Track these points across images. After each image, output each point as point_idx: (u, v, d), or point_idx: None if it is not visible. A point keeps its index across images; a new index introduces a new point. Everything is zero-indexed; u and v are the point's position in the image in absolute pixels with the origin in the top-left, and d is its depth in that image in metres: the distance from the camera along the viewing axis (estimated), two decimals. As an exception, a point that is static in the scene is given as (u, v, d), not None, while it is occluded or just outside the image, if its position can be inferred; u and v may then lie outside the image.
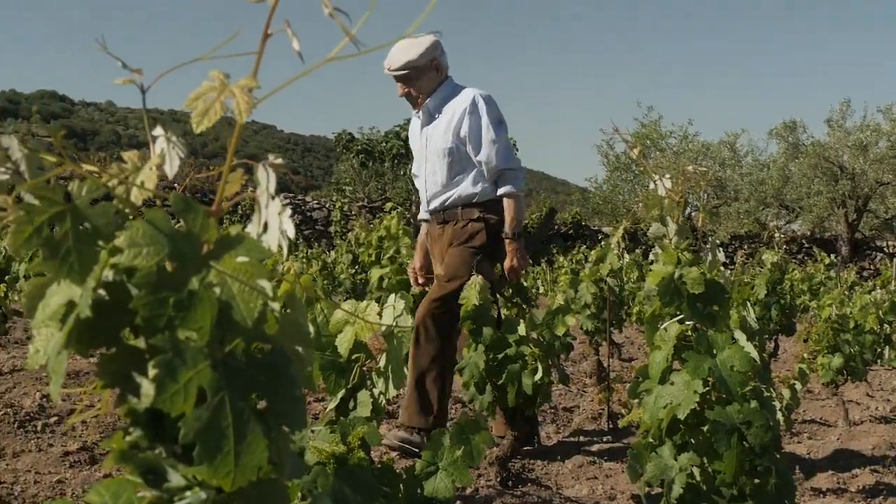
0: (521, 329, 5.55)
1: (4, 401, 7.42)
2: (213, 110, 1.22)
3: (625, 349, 13.41)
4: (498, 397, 5.63)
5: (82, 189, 1.23)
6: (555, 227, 38.55)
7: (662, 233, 3.82)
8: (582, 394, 9.48)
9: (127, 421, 1.24)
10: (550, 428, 7.71)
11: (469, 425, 3.39)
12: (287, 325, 1.28)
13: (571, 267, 18.30)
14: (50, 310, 1.25)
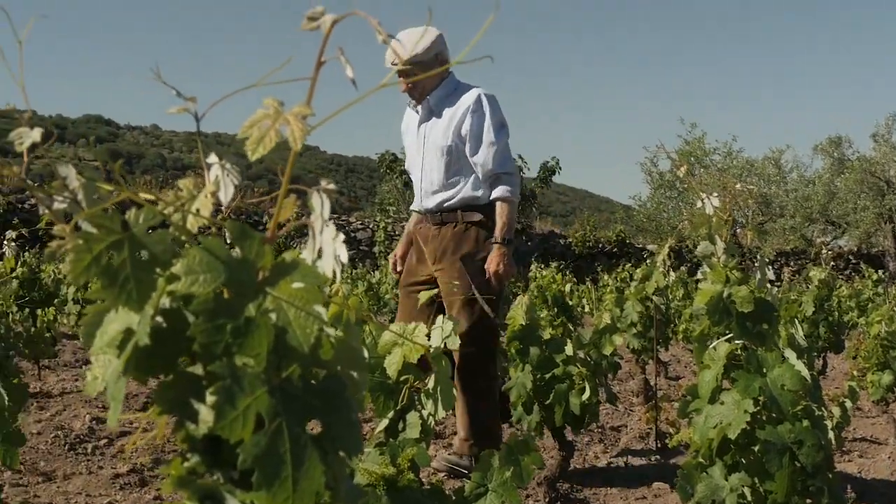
0: (568, 349, 5.54)
1: (55, 423, 7.48)
2: (268, 137, 1.23)
3: (671, 367, 13.35)
4: (545, 417, 5.61)
5: (139, 217, 1.24)
6: (599, 245, 38.44)
7: (710, 251, 3.80)
8: (629, 413, 9.43)
9: (184, 447, 1.25)
10: (598, 447, 7.67)
11: (518, 446, 3.38)
12: (342, 349, 1.29)
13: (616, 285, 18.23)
14: (108, 337, 1.26)
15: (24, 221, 28.46)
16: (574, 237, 38.43)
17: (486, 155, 5.96)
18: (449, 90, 6.08)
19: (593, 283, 25.45)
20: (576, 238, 38.29)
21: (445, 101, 6.09)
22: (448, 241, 6.10)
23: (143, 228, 1.23)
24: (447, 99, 6.09)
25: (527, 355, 5.52)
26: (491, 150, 5.94)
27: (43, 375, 10.31)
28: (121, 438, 7.25)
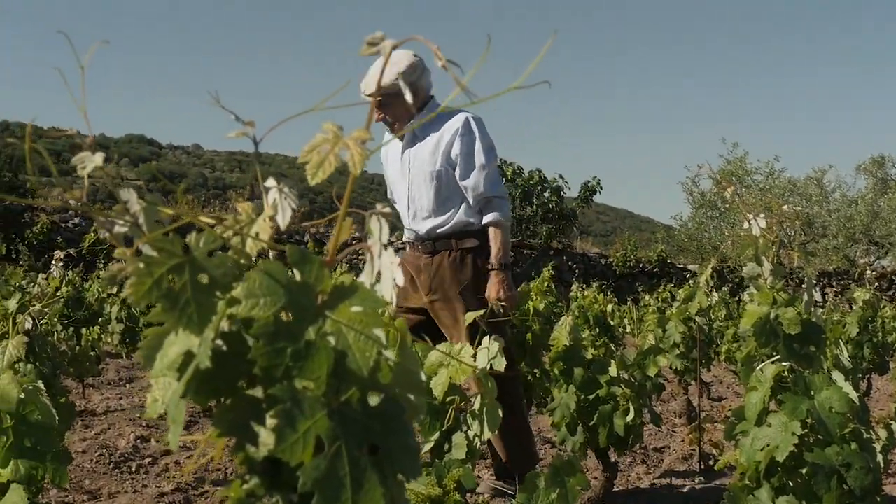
0: (612, 369, 5.52)
1: (100, 442, 7.52)
2: (327, 162, 1.23)
3: (714, 388, 13.27)
4: (589, 438, 5.60)
5: (200, 241, 1.25)
6: (640, 265, 38.31)
7: (757, 272, 3.78)
8: (672, 434, 9.39)
9: (243, 469, 1.26)
10: (641, 469, 7.64)
11: (564, 467, 3.37)
12: (400, 373, 1.29)
13: (658, 305, 18.18)
14: (168, 360, 1.27)
15: (67, 241, 28.72)
16: (615, 257, 38.32)
17: (478, 178, 5.77)
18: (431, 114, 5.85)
19: (634, 303, 25.38)
20: (616, 258, 38.18)
21: (430, 126, 5.87)
22: (445, 270, 5.90)
23: (204, 252, 1.24)
24: (431, 124, 5.87)
25: (571, 376, 5.50)
26: (482, 173, 5.76)
27: (87, 394, 10.38)
28: (164, 457, 7.29)
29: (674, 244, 48.13)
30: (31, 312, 3.53)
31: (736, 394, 13.10)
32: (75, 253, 25.13)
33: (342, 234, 1.31)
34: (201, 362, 1.19)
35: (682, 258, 44.32)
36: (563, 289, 28.02)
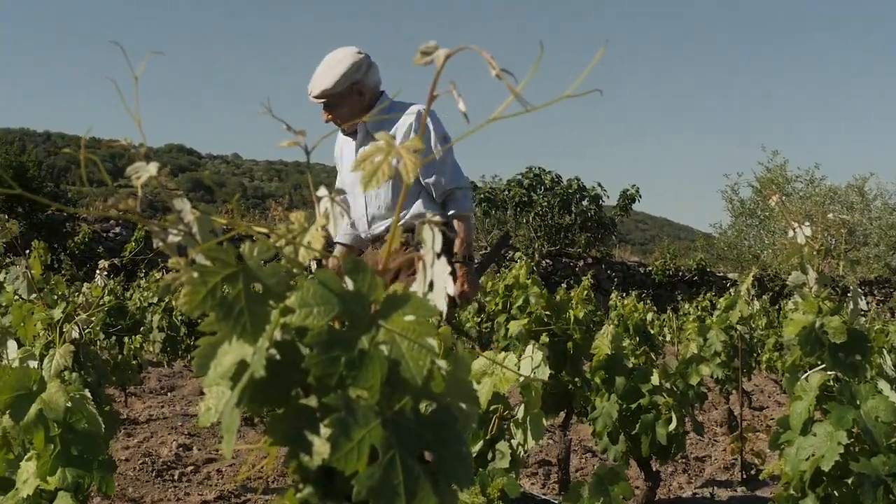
0: (654, 378, 5.50)
1: (142, 450, 7.56)
2: (380, 171, 1.24)
3: (755, 397, 13.20)
4: (631, 447, 5.58)
5: (253, 250, 1.25)
6: (679, 274, 38.16)
7: (802, 281, 3.76)
8: (713, 443, 9.34)
9: (296, 478, 1.26)
10: (682, 478, 7.61)
11: (608, 476, 3.36)
12: (452, 382, 1.30)
13: (698, 314, 18.09)
14: (222, 369, 1.27)
15: (108, 251, 28.92)
16: (654, 265, 38.20)
17: (439, 173, 5.68)
18: (384, 111, 5.69)
19: (674, 311, 25.26)
20: (656, 266, 38.06)
21: (382, 123, 5.66)
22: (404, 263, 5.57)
23: (258, 261, 1.25)
24: (384, 120, 5.71)
25: (612, 385, 5.49)
26: (442, 167, 5.68)
27: (130, 402, 10.44)
28: (207, 465, 7.32)
29: (713, 252, 47.84)
30: (77, 321, 3.56)
31: (777, 403, 13.03)
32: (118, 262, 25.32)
33: (394, 242, 1.32)
34: (256, 371, 1.20)
35: (721, 266, 44.09)
36: (602, 297, 27.98)
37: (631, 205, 41.81)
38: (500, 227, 40.59)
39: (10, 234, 3.77)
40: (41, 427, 3.02)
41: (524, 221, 40.02)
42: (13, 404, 2.99)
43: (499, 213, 41.06)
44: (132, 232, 30.50)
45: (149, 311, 14.77)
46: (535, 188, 41.05)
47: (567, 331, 6.86)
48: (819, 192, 47.13)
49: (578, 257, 37.10)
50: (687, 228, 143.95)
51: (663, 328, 21.33)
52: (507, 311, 9.07)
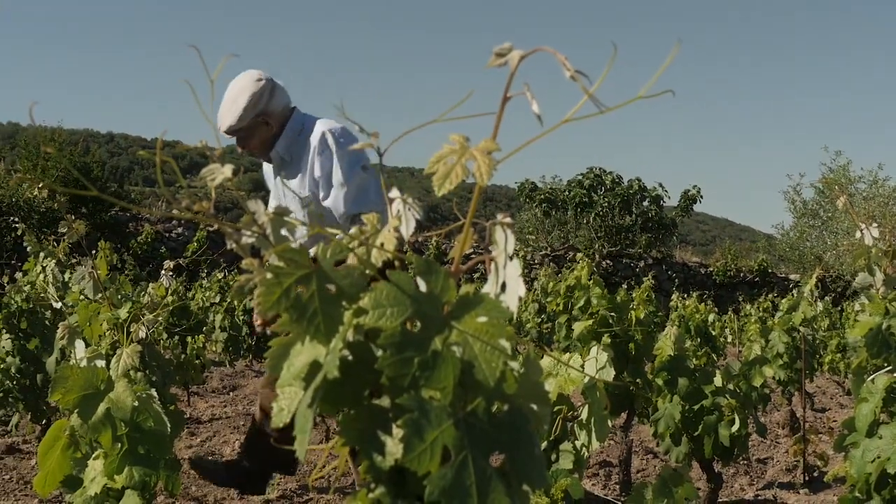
0: (717, 380, 5.46)
1: (205, 449, 7.63)
2: (454, 173, 1.24)
3: (817, 399, 13.08)
4: (693, 449, 5.54)
5: (327, 251, 1.26)
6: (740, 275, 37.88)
7: (869, 282, 3.72)
8: (775, 445, 9.27)
9: (368, 478, 1.27)
10: (744, 480, 7.56)
11: (672, 478, 3.34)
12: (524, 383, 1.29)
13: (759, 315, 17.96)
14: (295, 369, 1.28)
15: (170, 251, 29.20)
16: (715, 266, 37.94)
17: (336, 198, 5.25)
18: (295, 132, 5.48)
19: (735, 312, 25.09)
20: (717, 267, 37.80)
21: (294, 146, 5.50)
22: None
23: (331, 262, 1.26)
24: (295, 143, 5.49)
25: (675, 386, 5.46)
26: (341, 191, 5.23)
27: (192, 402, 10.54)
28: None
29: (775, 253, 47.48)
30: (144, 321, 3.59)
31: (839, 405, 12.90)
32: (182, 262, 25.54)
33: (466, 243, 1.32)
34: (329, 372, 1.20)
35: (783, 268, 43.76)
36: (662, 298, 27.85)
37: (692, 205, 41.63)
38: (561, 228, 40.55)
39: (77, 234, 3.80)
40: (109, 426, 3.05)
41: (585, 222, 39.96)
42: (81, 403, 3.03)
43: (559, 214, 41.02)
44: (194, 232, 30.77)
45: (211, 310, 14.92)
46: (595, 189, 40.98)
47: (628, 332, 6.83)
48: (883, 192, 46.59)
49: (639, 258, 36.96)
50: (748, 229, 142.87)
51: (724, 329, 21.21)
52: (568, 312, 9.04)
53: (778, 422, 10.50)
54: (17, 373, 7.46)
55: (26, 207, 26.88)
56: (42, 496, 3.47)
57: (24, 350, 7.50)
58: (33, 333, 7.58)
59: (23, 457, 7.37)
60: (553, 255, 35.70)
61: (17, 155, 33.70)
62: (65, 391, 2.99)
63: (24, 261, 8.30)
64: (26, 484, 6.46)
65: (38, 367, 7.52)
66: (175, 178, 1.34)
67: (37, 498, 5.97)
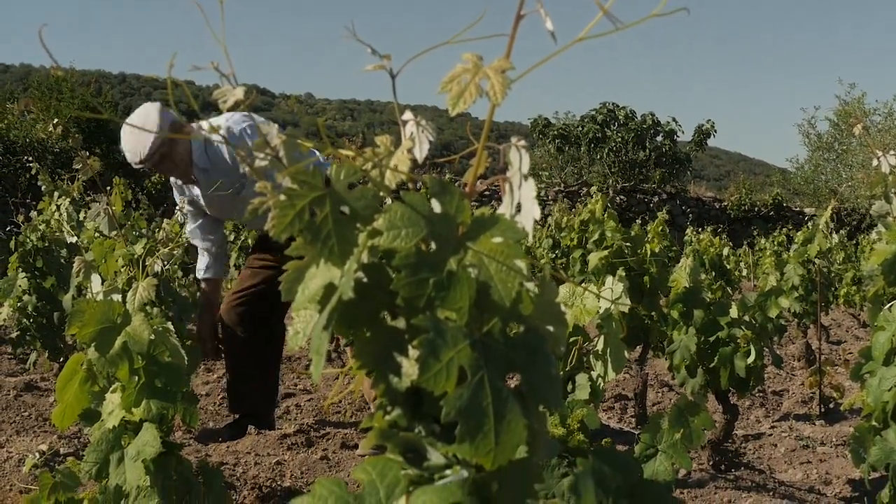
0: (732, 311, 5.45)
1: (222, 385, 7.67)
2: (468, 92, 1.23)
3: (832, 332, 13.08)
4: (709, 380, 5.55)
5: (340, 173, 1.25)
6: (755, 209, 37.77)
7: (886, 210, 3.70)
8: (791, 377, 9.28)
9: (384, 401, 1.27)
10: (759, 412, 7.58)
11: (688, 408, 3.35)
12: (541, 304, 1.29)
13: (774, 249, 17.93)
14: (310, 292, 1.28)
15: (182, 190, 29.22)
16: (729, 201, 37.82)
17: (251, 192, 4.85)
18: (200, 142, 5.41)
19: (749, 247, 25.04)
20: (731, 202, 37.68)
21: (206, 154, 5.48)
22: None
23: (345, 185, 1.25)
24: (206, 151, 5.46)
25: (690, 318, 5.45)
26: None
27: (207, 339, 10.56)
28: (286, 400, 7.40)
29: (789, 187, 47.28)
30: (159, 256, 3.59)
31: (855, 337, 12.91)
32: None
33: (480, 165, 1.31)
34: (344, 293, 1.20)
35: (797, 201, 43.60)
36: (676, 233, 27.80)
37: (706, 140, 41.48)
38: (574, 164, 40.45)
39: (92, 170, 3.79)
40: (126, 359, 3.05)
41: (598, 157, 39.86)
42: (98, 337, 3.03)
43: (572, 150, 40.90)
44: (209, 171, 30.77)
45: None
46: (608, 124, 40.84)
47: (643, 265, 6.83)
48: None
49: (653, 193, 36.86)
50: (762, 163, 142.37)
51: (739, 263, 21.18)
52: (582, 247, 9.02)
53: (793, 354, 10.50)
54: (33, 311, 7.50)
55: (40, 148, 26.89)
56: (60, 429, 3.49)
57: (41, 288, 7.54)
58: (49, 272, 7.61)
59: (41, 394, 7.42)
60: (566, 191, 35.58)
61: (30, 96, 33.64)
62: (81, 325, 3.00)
63: (39, 200, 8.31)
64: (45, 420, 6.50)
65: (54, 305, 7.56)
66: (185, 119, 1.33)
67: (55, 433, 6.02)
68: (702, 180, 50.58)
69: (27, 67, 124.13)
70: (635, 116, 41.01)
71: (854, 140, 43.22)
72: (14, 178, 25.50)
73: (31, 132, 27.48)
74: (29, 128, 27.76)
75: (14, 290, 7.47)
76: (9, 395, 7.24)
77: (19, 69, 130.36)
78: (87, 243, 5.45)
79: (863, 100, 47.96)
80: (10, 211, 16.25)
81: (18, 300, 7.48)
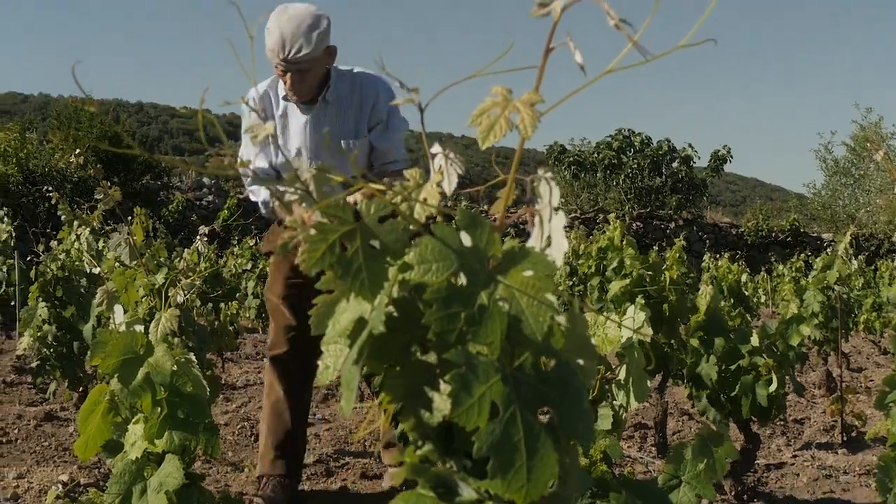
0: (754, 339, 5.43)
1: (241, 415, 7.67)
2: (498, 126, 1.23)
3: (853, 359, 13.02)
4: (731, 409, 5.52)
5: (370, 207, 1.25)
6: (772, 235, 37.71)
7: (908, 238, 3.69)
8: (812, 405, 9.23)
9: (414, 435, 1.26)
10: (781, 440, 7.54)
11: (712, 438, 3.33)
12: (571, 338, 1.29)
13: (792, 275, 17.89)
14: (340, 326, 1.28)
15: (201, 218, 29.33)
16: (746, 226, 37.79)
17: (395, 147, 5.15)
18: (336, 77, 5.13)
19: (767, 273, 24.99)
20: (748, 227, 37.65)
21: (339, 89, 5.13)
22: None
23: (375, 218, 1.25)
24: (339, 86, 5.14)
25: (711, 346, 5.43)
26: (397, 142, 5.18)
27: (227, 368, 10.58)
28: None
29: (807, 213, 47.26)
30: (182, 286, 3.60)
31: (876, 364, 12.84)
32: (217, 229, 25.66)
33: (509, 198, 1.31)
34: (375, 328, 1.20)
35: (815, 227, 43.55)
36: (694, 259, 27.77)
37: (722, 165, 41.52)
38: (590, 191, 40.49)
39: (112, 200, 3.81)
40: (148, 390, 3.06)
41: (614, 184, 39.90)
42: (121, 368, 3.04)
43: (588, 176, 40.96)
44: (224, 200, 30.92)
45: (243, 277, 14.98)
46: (624, 150, 40.94)
47: (662, 292, 6.81)
48: (916, 149, 46.21)
49: (669, 219, 36.87)
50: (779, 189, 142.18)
51: (757, 290, 21.15)
52: (600, 274, 9.03)
53: (814, 382, 10.45)
54: (53, 340, 7.50)
55: (59, 177, 27.06)
56: (83, 460, 3.50)
57: (60, 318, 7.55)
58: (69, 301, 7.62)
59: (61, 423, 7.43)
60: (583, 218, 35.61)
61: (49, 126, 33.86)
62: (104, 356, 3.01)
63: (59, 230, 8.35)
64: (65, 450, 6.51)
65: (74, 335, 7.56)
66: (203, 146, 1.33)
67: (76, 463, 6.02)
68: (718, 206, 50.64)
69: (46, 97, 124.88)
70: (651, 142, 41.09)
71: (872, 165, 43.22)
72: (33, 208, 25.65)
73: (51, 161, 27.65)
74: (48, 157, 27.94)
75: (34, 320, 7.48)
76: (29, 424, 7.26)
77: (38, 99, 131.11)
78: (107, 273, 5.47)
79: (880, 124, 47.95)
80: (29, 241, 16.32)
81: (38, 329, 7.48)
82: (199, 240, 6.14)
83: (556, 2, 1.19)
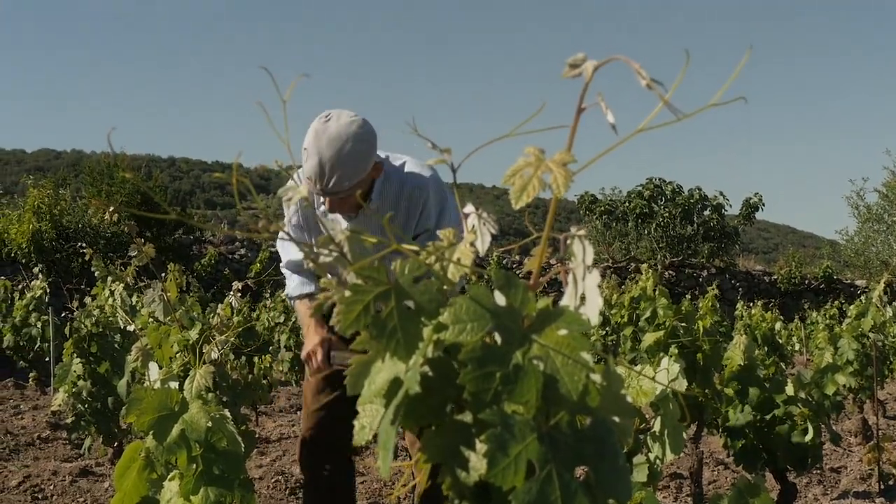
0: (789, 388, 5.41)
1: (275, 468, 7.66)
2: (531, 186, 1.24)
3: (889, 406, 12.90)
4: (767, 459, 5.49)
5: (404, 268, 1.26)
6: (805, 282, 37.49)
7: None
8: (848, 454, 9.15)
9: (451, 494, 1.26)
10: (817, 489, 7.47)
11: (749, 489, 3.31)
12: (607, 396, 1.29)
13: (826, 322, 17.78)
14: (376, 387, 1.29)
15: (234, 272, 29.42)
16: (779, 274, 37.59)
17: None
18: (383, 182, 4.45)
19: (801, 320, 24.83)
20: (781, 275, 37.44)
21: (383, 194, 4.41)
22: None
23: (409, 279, 1.26)
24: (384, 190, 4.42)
25: (746, 396, 5.41)
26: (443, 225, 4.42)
27: (261, 422, 10.58)
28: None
29: (840, 260, 46.97)
30: (216, 343, 3.62)
31: (913, 412, 12.73)
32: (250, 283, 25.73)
33: (543, 256, 1.32)
34: (410, 388, 1.21)
35: (848, 274, 43.26)
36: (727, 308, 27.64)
37: (754, 213, 41.38)
38: (622, 240, 40.43)
39: (146, 257, 3.84)
40: (184, 447, 3.07)
41: (646, 233, 39.82)
42: (156, 425, 3.05)
43: (620, 226, 40.91)
44: (257, 253, 31.01)
45: (276, 330, 15.02)
46: (655, 199, 40.88)
47: (696, 342, 6.79)
48: (947, 196, 45.97)
49: (701, 268, 36.71)
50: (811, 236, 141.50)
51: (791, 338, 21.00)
52: (633, 324, 9.01)
53: (850, 430, 10.36)
54: (88, 396, 7.54)
55: (92, 233, 27.22)
56: (119, 518, 3.50)
57: (95, 373, 7.58)
58: (103, 357, 7.66)
59: (96, 479, 7.44)
60: (615, 267, 35.52)
61: (82, 182, 34.10)
62: (140, 413, 3.02)
63: (93, 285, 8.40)
64: (100, 506, 6.52)
65: (108, 391, 7.60)
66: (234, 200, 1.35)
67: (110, 520, 6.03)
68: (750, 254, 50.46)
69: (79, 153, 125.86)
70: (682, 191, 41.02)
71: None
72: (67, 264, 25.79)
73: (84, 217, 27.83)
74: (81, 213, 28.13)
75: (69, 376, 7.52)
76: (65, 480, 7.27)
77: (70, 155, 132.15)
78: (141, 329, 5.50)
79: (911, 171, 47.68)
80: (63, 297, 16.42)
81: (73, 385, 7.53)
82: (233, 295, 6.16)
83: (587, 63, 1.20)
